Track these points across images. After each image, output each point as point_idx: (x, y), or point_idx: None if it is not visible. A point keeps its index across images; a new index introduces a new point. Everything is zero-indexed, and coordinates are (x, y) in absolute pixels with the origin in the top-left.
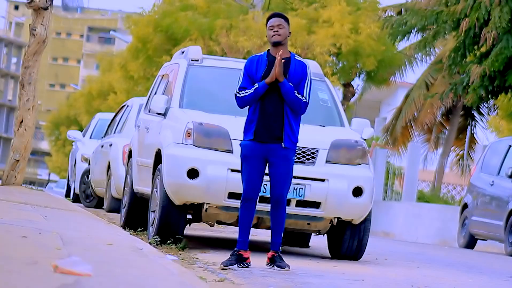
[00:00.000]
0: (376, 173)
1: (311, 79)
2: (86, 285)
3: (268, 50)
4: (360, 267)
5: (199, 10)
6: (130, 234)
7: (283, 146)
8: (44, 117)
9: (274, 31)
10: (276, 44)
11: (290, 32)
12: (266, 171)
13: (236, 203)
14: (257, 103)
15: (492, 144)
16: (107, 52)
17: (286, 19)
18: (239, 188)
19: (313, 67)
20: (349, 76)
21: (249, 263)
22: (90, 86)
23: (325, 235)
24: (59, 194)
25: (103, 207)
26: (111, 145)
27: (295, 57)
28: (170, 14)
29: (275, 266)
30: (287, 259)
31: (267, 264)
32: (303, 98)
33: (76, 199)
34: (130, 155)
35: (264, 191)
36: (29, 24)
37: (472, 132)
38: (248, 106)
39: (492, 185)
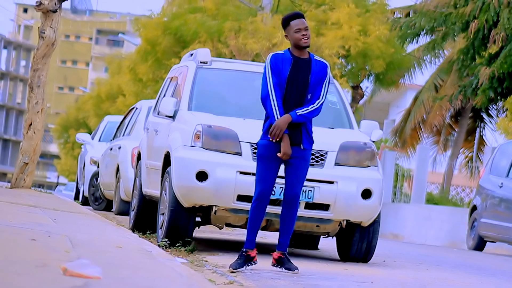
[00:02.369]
0: (385, 175)
1: (330, 78)
2: None
3: (288, 48)
4: (369, 269)
5: (208, 13)
6: (139, 236)
7: (302, 147)
8: (53, 120)
9: (303, 35)
10: (305, 48)
11: None
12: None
13: (245, 206)
14: (284, 104)
15: (501, 146)
16: (116, 55)
17: (305, 17)
18: (248, 191)
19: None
20: (357, 78)
21: (256, 261)
22: (99, 88)
23: (334, 237)
24: (68, 197)
25: (112, 210)
26: (120, 147)
27: (314, 57)
28: (179, 16)
29: (283, 268)
30: (296, 262)
31: (273, 265)
32: (314, 105)
33: (85, 202)
34: (139, 157)
35: (273, 193)
36: (38, 27)
37: (481, 134)
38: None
39: (501, 187)
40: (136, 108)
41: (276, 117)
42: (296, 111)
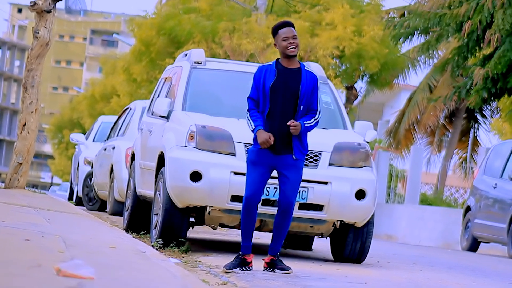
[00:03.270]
0: (379, 176)
1: (319, 88)
2: None
3: (278, 59)
4: (363, 270)
5: (202, 13)
6: (133, 237)
7: (294, 158)
8: (47, 120)
9: (290, 43)
10: (292, 57)
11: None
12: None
13: (239, 206)
14: (269, 114)
15: (495, 146)
16: (110, 55)
17: (294, 27)
18: (242, 191)
19: (316, 69)
20: (352, 79)
21: (251, 267)
22: (93, 89)
23: (328, 238)
24: (62, 197)
25: (106, 210)
26: (114, 148)
27: (305, 68)
28: (173, 17)
29: (277, 269)
30: (289, 262)
31: (264, 269)
32: (316, 118)
33: (79, 202)
34: (133, 158)
35: (267, 193)
36: (32, 27)
37: (475, 134)
38: None
39: (495, 187)
40: (130, 109)
41: (251, 129)
42: (304, 123)
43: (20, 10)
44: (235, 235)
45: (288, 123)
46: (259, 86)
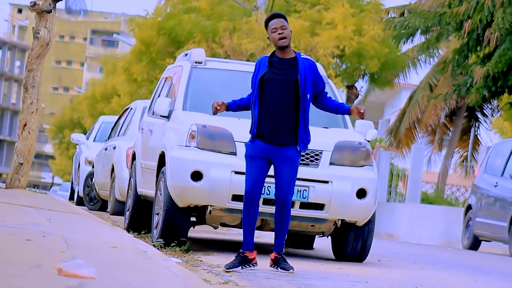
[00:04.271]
0: (380, 174)
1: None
2: None
3: (274, 51)
4: (364, 269)
5: (202, 13)
6: (134, 236)
7: (298, 149)
8: (47, 120)
9: (279, 33)
10: (283, 48)
11: (290, 31)
12: (270, 173)
13: (240, 205)
14: (263, 105)
15: (495, 145)
16: (111, 55)
17: (286, 18)
18: (243, 190)
19: None
20: (352, 78)
21: (255, 263)
22: (93, 89)
23: (329, 237)
24: (63, 197)
25: (107, 210)
26: (114, 148)
27: (301, 56)
28: (173, 16)
29: (279, 268)
30: (291, 261)
31: (270, 265)
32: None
33: (80, 202)
34: (133, 157)
35: (268, 193)
36: (33, 27)
37: (476, 133)
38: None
39: (496, 186)
40: (131, 108)
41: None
42: (334, 101)
43: (20, 11)
44: (236, 235)
45: (362, 111)
46: (253, 77)
